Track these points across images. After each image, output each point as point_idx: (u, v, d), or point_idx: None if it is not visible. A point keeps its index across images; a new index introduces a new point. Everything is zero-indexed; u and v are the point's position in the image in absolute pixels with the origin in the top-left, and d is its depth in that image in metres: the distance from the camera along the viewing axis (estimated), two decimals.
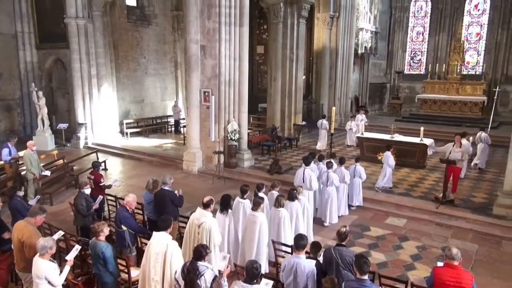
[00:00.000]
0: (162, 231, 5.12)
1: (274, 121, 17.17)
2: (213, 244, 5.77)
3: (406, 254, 7.66)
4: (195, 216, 5.98)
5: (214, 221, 5.98)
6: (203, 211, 5.95)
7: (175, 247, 5.06)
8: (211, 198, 6.13)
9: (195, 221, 5.93)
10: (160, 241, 5.04)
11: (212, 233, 5.78)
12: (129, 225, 6.34)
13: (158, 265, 4.98)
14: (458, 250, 4.60)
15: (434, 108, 21.63)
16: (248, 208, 6.86)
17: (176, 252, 5.03)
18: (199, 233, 5.82)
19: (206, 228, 5.77)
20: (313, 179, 8.56)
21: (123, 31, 18.70)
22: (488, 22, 24.30)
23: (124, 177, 12.95)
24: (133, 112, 19.83)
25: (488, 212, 9.22)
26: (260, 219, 6.34)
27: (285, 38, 16.92)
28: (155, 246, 5.04)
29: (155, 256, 5.00)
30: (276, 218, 6.82)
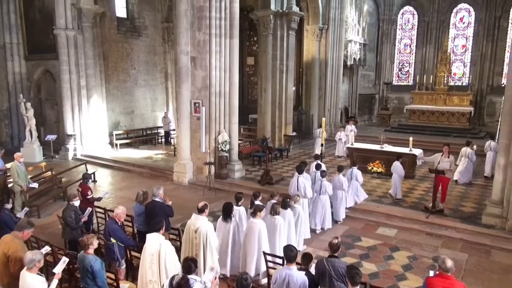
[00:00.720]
0: (155, 233, 5.36)
1: (265, 132, 17.22)
2: (210, 247, 5.97)
3: (397, 264, 7.66)
4: (191, 222, 6.13)
5: (210, 225, 6.14)
6: (198, 216, 6.09)
7: (168, 245, 5.27)
8: (205, 203, 6.27)
9: (191, 227, 6.08)
10: (153, 242, 5.26)
11: (208, 237, 5.95)
12: (119, 238, 6.25)
13: (154, 265, 5.18)
14: (453, 263, 4.62)
15: (422, 118, 21.91)
16: (244, 215, 7.10)
17: (169, 250, 5.25)
18: (196, 238, 5.97)
19: (202, 233, 5.93)
20: (307, 187, 8.74)
21: (113, 42, 18.69)
22: (473, 35, 24.84)
23: (113, 188, 12.81)
24: (122, 123, 19.71)
25: (477, 221, 9.29)
26: (259, 226, 6.49)
27: (275, 49, 17.08)
28: (150, 248, 5.25)
29: (150, 257, 5.20)
30: (272, 226, 6.90)
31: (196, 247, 5.97)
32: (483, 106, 24.08)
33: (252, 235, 6.51)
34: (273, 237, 6.88)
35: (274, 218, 6.95)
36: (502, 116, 9.22)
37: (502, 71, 23.15)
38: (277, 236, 6.89)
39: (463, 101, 21.48)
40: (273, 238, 6.88)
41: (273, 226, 6.90)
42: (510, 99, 8.67)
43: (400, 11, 26.84)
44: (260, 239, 6.48)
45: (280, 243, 6.85)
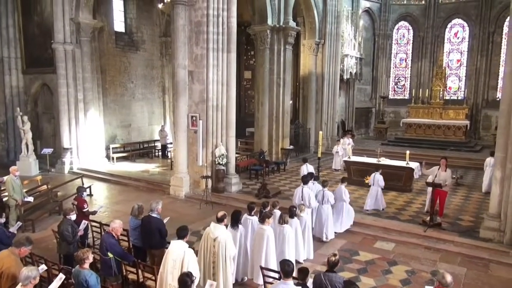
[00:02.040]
0: (180, 240, 5.59)
1: (262, 145, 17.23)
2: (229, 256, 6.20)
3: (395, 278, 7.60)
4: (209, 230, 6.29)
5: (229, 234, 6.38)
6: (217, 225, 6.28)
7: (192, 254, 5.53)
8: (224, 213, 6.48)
9: (210, 235, 6.25)
10: (177, 248, 5.48)
11: (227, 246, 6.16)
12: (116, 252, 6.18)
13: (176, 271, 5.35)
14: (452, 277, 4.59)
15: (419, 132, 22.03)
16: (256, 224, 7.32)
17: (192, 259, 5.50)
18: (215, 246, 6.17)
19: (221, 242, 6.13)
20: (311, 197, 9.04)
21: (111, 56, 18.80)
22: (468, 50, 25.20)
23: (109, 202, 12.72)
24: (119, 137, 19.69)
25: (475, 235, 9.27)
26: (267, 232, 6.77)
27: (272, 63, 17.21)
28: (173, 253, 5.46)
29: (172, 263, 5.41)
30: (281, 235, 7.16)
31: (215, 255, 6.18)
32: (479, 119, 24.27)
33: (261, 241, 6.75)
34: (282, 246, 7.13)
35: (283, 227, 7.19)
36: (498, 129, 9.27)
37: (496, 85, 23.44)
38: (286, 244, 7.13)
39: (458, 115, 21.66)
40: (282, 246, 7.13)
41: (282, 235, 7.15)
42: (505, 113, 8.73)
43: (396, 26, 27.23)
44: (268, 245, 6.75)
45: (289, 251, 7.14)
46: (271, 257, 6.81)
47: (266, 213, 7.04)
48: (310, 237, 8.51)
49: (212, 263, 6.21)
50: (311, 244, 8.49)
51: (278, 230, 7.18)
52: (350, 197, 10.24)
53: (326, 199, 9.24)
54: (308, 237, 8.34)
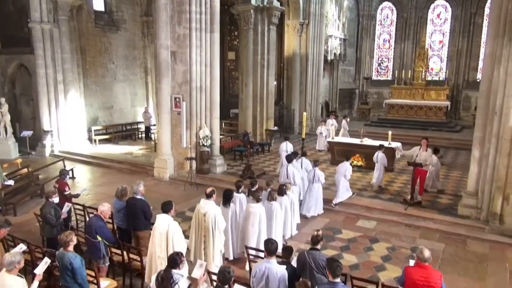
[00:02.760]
0: (164, 214, 5.87)
1: (246, 127, 17.21)
2: (218, 230, 6.42)
3: (376, 255, 7.82)
4: (200, 206, 6.57)
5: (218, 209, 6.61)
6: (206, 201, 6.55)
7: (176, 226, 5.81)
8: (213, 189, 6.77)
9: (200, 210, 6.52)
10: (163, 222, 5.78)
11: (217, 220, 6.39)
12: (105, 235, 6.18)
13: (163, 243, 5.69)
14: (430, 253, 4.72)
15: (401, 112, 22.31)
16: (244, 201, 7.61)
17: (176, 230, 5.78)
18: (205, 221, 6.43)
19: (211, 216, 6.38)
20: (296, 175, 9.33)
21: (90, 36, 18.28)
22: (450, 31, 25.35)
23: (93, 185, 12.60)
24: (101, 119, 19.34)
25: (454, 212, 9.55)
26: (259, 210, 7.00)
27: (256, 44, 17.04)
28: (159, 227, 5.77)
29: (159, 236, 5.72)
30: (269, 211, 7.34)
31: (205, 229, 6.44)
32: (459, 100, 24.67)
33: (253, 219, 6.97)
34: (270, 222, 7.33)
35: (271, 204, 7.42)
36: (477, 110, 9.47)
37: (477, 66, 23.74)
38: (273, 220, 7.38)
39: (440, 96, 21.99)
40: (270, 222, 7.34)
41: (270, 212, 7.35)
42: (484, 94, 8.90)
43: (379, 7, 27.16)
44: (261, 223, 6.99)
45: (276, 227, 7.45)
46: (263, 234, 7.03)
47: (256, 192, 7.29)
48: (297, 215, 8.82)
49: (203, 237, 6.47)
50: (297, 221, 8.79)
51: (267, 207, 7.42)
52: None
53: (317, 178, 9.54)
54: (294, 214, 8.61)
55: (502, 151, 8.38)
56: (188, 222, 9.09)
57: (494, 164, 8.60)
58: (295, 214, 8.72)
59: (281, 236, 7.77)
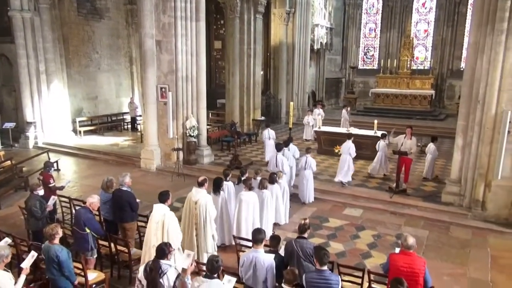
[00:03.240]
0: (161, 204, 5.93)
1: (233, 117, 17.16)
2: (209, 217, 6.51)
3: (362, 243, 7.95)
4: (191, 194, 6.64)
5: (209, 197, 6.70)
6: (198, 189, 6.62)
7: (172, 216, 5.86)
8: (205, 177, 6.86)
9: (192, 198, 6.59)
10: (159, 211, 5.84)
11: (208, 208, 6.48)
12: (93, 227, 6.15)
13: (159, 232, 5.75)
14: (414, 240, 4.81)
15: (386, 101, 22.50)
16: (232, 189, 7.85)
17: (172, 220, 5.83)
18: (196, 209, 6.51)
19: (202, 204, 6.47)
20: (284, 163, 9.48)
21: (73, 25, 17.88)
22: (435, 20, 25.51)
23: (78, 177, 12.46)
24: (86, 110, 19.06)
25: (437, 199, 9.76)
26: (251, 197, 7.21)
27: (242, 33, 16.91)
28: (155, 217, 5.83)
29: (155, 225, 5.79)
30: (260, 199, 7.53)
31: (196, 217, 6.53)
32: (444, 89, 24.97)
33: (245, 207, 7.17)
34: (261, 209, 7.53)
35: (262, 192, 7.60)
36: (461, 98, 9.61)
37: (461, 55, 23.96)
38: (265, 208, 7.59)
39: (424, 85, 22.21)
40: (261, 210, 7.53)
41: (261, 200, 7.54)
42: (468, 83, 9.03)
43: None
44: (254, 210, 7.22)
45: (268, 214, 7.67)
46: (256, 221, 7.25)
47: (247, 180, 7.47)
48: (288, 202, 8.96)
49: (195, 224, 6.58)
50: (287, 209, 8.94)
51: (258, 195, 7.56)
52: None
53: (308, 165, 9.71)
54: (286, 202, 8.79)
55: (485, 139, 8.55)
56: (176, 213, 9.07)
57: (477, 152, 8.79)
58: (287, 202, 8.88)
59: (272, 223, 8.00)
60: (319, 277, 4.47)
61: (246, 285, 5.11)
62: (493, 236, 8.27)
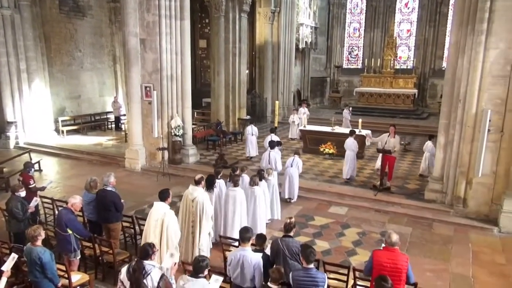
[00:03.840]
0: (161, 202, 5.97)
1: (219, 116, 17.12)
2: (206, 215, 6.55)
3: (348, 240, 8.02)
4: (188, 192, 6.70)
5: (206, 195, 6.76)
6: (195, 187, 6.69)
7: (172, 215, 5.90)
8: (202, 175, 6.92)
9: (189, 196, 6.65)
10: (159, 209, 5.88)
11: (205, 206, 6.53)
12: (76, 228, 6.04)
13: (157, 230, 5.81)
14: (398, 236, 4.86)
15: (371, 100, 22.77)
16: (223, 186, 7.87)
17: (172, 219, 5.87)
18: (193, 206, 6.57)
19: (199, 202, 6.52)
20: (277, 161, 9.81)
21: (55, 22, 17.55)
22: (417, 20, 25.95)
23: (61, 177, 12.25)
24: (68, 109, 18.74)
25: (420, 197, 9.92)
26: (238, 194, 7.35)
27: (227, 32, 16.87)
28: (155, 214, 5.87)
29: (154, 223, 5.83)
30: (252, 196, 7.72)
31: (194, 215, 6.58)
32: (426, 88, 25.40)
33: (234, 203, 7.32)
34: (253, 206, 7.70)
35: (253, 189, 7.74)
36: (443, 97, 9.79)
37: (443, 55, 24.44)
38: (257, 204, 7.73)
39: (407, 84, 22.56)
40: (253, 206, 7.71)
41: (254, 196, 7.71)
42: (449, 82, 9.19)
43: None
44: (242, 205, 7.37)
45: (260, 210, 7.80)
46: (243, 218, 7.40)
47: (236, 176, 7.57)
48: (278, 198, 9.09)
49: (192, 222, 6.63)
50: (279, 205, 9.09)
51: (250, 192, 7.73)
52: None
53: (295, 164, 9.80)
54: (276, 198, 8.95)
55: (466, 137, 8.72)
56: None
57: (458, 150, 8.95)
58: (277, 198, 9.05)
59: (265, 220, 8.17)
60: (306, 275, 4.49)
61: (234, 284, 5.11)
62: (474, 232, 8.45)
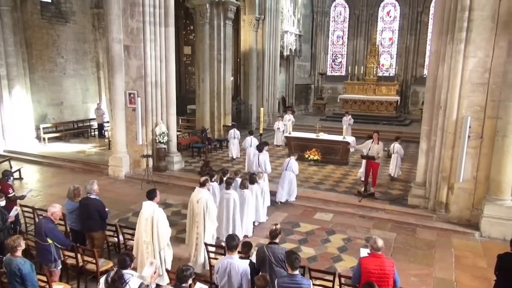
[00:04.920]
0: (150, 201, 6.14)
1: (204, 123, 17.07)
2: (210, 215, 6.79)
3: (333, 247, 8.05)
4: (194, 194, 6.94)
5: (210, 196, 7.04)
6: (200, 189, 6.94)
7: (161, 212, 6.10)
8: (206, 178, 7.21)
9: (194, 198, 6.89)
10: (148, 208, 6.07)
11: (208, 206, 6.78)
12: (56, 238, 5.91)
13: (148, 228, 6.01)
14: (383, 242, 4.92)
15: (354, 107, 23.03)
16: (217, 189, 8.28)
17: (161, 216, 6.07)
18: (198, 207, 6.79)
19: (203, 202, 6.75)
20: (267, 163, 9.99)
21: (36, 28, 17.29)
22: (399, 28, 26.48)
23: (42, 186, 12.00)
24: (50, 116, 18.41)
25: (404, 202, 10.04)
26: (233, 196, 7.72)
27: (212, 39, 16.90)
28: (145, 213, 6.06)
29: (145, 221, 6.03)
30: (242, 198, 8.03)
31: (199, 216, 6.79)
32: (408, 95, 25.85)
33: (227, 204, 7.68)
34: (242, 208, 8.00)
35: (243, 192, 8.07)
36: (424, 104, 9.96)
37: (424, 63, 24.93)
38: (245, 206, 8.06)
39: (390, 91, 22.93)
40: (242, 208, 8.00)
41: (242, 199, 8.02)
42: (430, 89, 9.39)
43: (333, 4, 27.82)
44: (235, 207, 7.72)
45: (248, 212, 8.16)
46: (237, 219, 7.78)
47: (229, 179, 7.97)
48: (268, 201, 9.44)
49: (196, 222, 6.83)
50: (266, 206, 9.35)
51: (239, 194, 8.00)
52: None
53: (290, 166, 10.07)
54: (264, 200, 9.21)
55: (447, 143, 8.88)
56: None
57: (440, 155, 9.10)
58: (267, 201, 9.39)
59: (252, 221, 8.47)
60: (291, 282, 4.49)
61: None
62: (457, 236, 8.58)
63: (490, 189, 8.46)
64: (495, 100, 8.29)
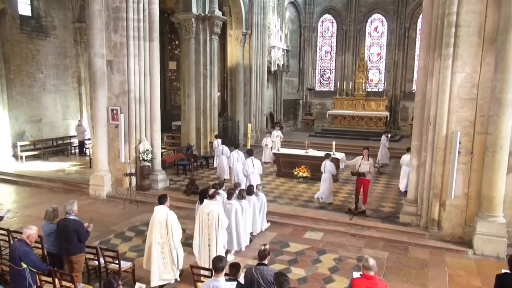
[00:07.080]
0: (161, 205, 6.74)
1: (189, 139, 16.72)
2: (221, 227, 6.97)
3: (324, 267, 7.73)
4: (203, 206, 7.12)
5: (220, 207, 7.31)
6: (210, 201, 7.11)
7: (173, 215, 6.70)
8: (214, 190, 7.51)
9: (204, 210, 7.03)
10: (161, 212, 6.67)
11: (220, 218, 6.96)
12: (31, 262, 5.51)
13: (163, 230, 6.61)
14: (375, 261, 4.73)
15: (344, 123, 22.94)
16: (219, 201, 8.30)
17: (174, 219, 6.68)
18: (209, 219, 6.96)
19: (214, 214, 6.93)
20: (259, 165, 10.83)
21: (15, 42, 16.85)
22: (386, 44, 26.70)
23: (18, 206, 11.42)
24: (29, 133, 17.79)
25: (396, 220, 9.78)
26: (235, 206, 8.05)
27: (198, 54, 16.70)
28: (158, 217, 6.64)
29: (159, 224, 6.61)
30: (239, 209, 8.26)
31: (209, 228, 6.95)
32: (398, 110, 25.89)
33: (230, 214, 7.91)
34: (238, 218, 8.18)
35: (240, 202, 8.31)
36: (414, 120, 9.82)
37: (412, 78, 25.07)
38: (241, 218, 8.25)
39: (379, 106, 22.93)
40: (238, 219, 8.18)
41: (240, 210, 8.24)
42: (419, 105, 9.26)
43: (320, 19, 27.96)
44: (237, 216, 8.07)
45: (246, 222, 8.38)
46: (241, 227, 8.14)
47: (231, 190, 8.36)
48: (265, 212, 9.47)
49: (208, 235, 6.98)
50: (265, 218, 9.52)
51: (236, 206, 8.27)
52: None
53: None
54: (263, 212, 9.35)
55: (437, 159, 8.70)
56: (129, 243, 8.73)
57: (431, 172, 8.90)
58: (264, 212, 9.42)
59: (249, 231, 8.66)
60: None
61: None
62: (450, 255, 8.33)
63: (482, 205, 8.27)
64: (484, 115, 8.21)
